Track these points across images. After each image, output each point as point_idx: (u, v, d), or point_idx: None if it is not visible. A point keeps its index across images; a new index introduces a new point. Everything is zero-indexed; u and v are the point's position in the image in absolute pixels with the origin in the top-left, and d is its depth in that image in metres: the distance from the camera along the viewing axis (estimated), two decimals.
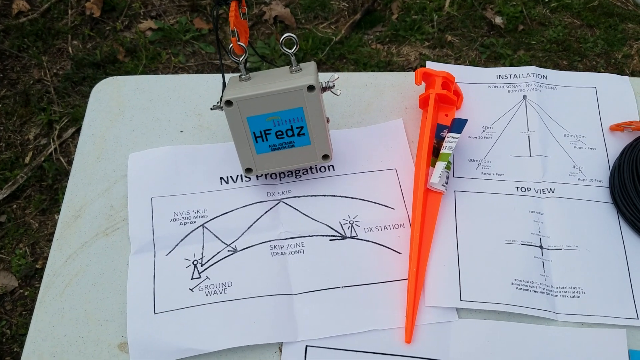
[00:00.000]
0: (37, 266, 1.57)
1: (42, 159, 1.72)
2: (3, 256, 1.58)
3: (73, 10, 2.03)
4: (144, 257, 0.68)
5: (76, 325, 0.63)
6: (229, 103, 0.65)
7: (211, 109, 0.68)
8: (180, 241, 0.69)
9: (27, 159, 1.74)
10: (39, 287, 1.55)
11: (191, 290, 0.65)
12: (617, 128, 0.76)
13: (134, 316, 0.64)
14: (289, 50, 0.67)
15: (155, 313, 0.64)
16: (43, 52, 1.94)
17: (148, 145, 0.76)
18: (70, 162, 1.73)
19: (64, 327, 0.63)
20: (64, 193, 1.65)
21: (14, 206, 1.66)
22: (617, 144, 0.75)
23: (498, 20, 1.96)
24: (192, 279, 0.66)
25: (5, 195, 1.66)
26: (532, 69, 0.80)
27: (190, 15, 2.05)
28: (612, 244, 0.68)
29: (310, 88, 0.64)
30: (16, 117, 1.81)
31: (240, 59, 0.67)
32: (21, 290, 1.54)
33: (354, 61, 1.88)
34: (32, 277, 1.55)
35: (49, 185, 1.69)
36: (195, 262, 0.67)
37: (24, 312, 1.50)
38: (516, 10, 1.98)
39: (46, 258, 1.58)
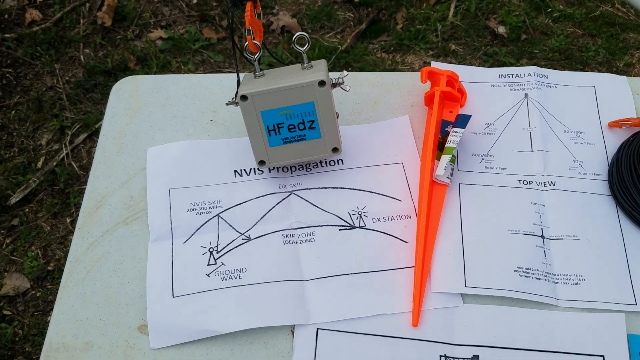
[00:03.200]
0: (49, 268, 1.60)
1: (54, 163, 1.76)
2: (15, 258, 1.62)
3: (85, 20, 2.08)
4: (163, 245, 0.71)
5: (98, 309, 0.66)
6: (244, 97, 0.68)
7: (227, 104, 0.71)
8: (197, 230, 0.72)
9: (40, 164, 1.78)
10: (51, 288, 1.58)
11: (207, 275, 0.68)
12: (615, 124, 0.79)
13: (154, 299, 0.67)
14: (301, 48, 0.70)
15: (173, 297, 0.67)
16: (55, 60, 1.98)
17: (165, 140, 0.79)
18: (82, 167, 1.77)
19: (86, 310, 0.66)
20: (75, 197, 1.70)
21: (27, 210, 1.70)
22: (616, 140, 0.78)
23: (501, 29, 2.00)
24: (208, 265, 0.69)
25: (18, 199, 1.69)
26: (534, 68, 0.84)
27: (200, 25, 2.09)
28: (610, 234, 0.71)
29: (322, 83, 0.68)
30: (29, 123, 1.85)
31: (255, 56, 0.71)
32: (33, 292, 1.57)
33: (360, 69, 1.92)
34: (44, 278, 1.59)
35: (61, 190, 1.72)
36: (211, 250, 0.70)
37: (35, 313, 1.53)
38: (519, 20, 2.02)
39: (58, 260, 1.62)
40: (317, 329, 0.66)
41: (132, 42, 2.04)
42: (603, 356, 0.64)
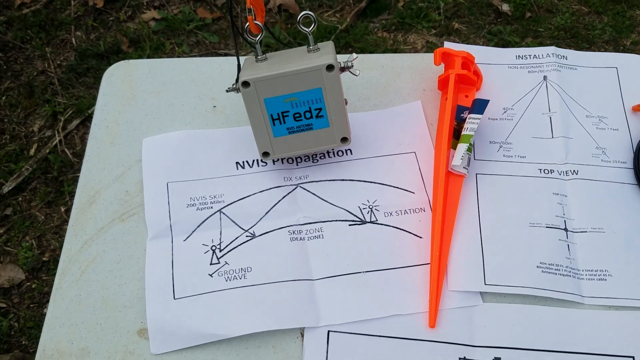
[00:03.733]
0: (44, 258, 1.55)
1: (47, 151, 1.71)
2: (9, 249, 1.57)
3: (76, 1, 2.01)
4: (162, 243, 0.66)
5: (94, 312, 0.62)
6: (245, 84, 0.63)
7: (227, 90, 0.67)
8: (198, 227, 0.68)
9: (32, 151, 1.72)
10: (46, 279, 1.54)
11: (210, 275, 0.64)
12: (639, 108, 0.74)
13: (154, 302, 0.62)
14: (307, 29, 0.65)
15: (174, 298, 0.62)
16: (46, 44, 1.92)
17: (162, 129, 0.74)
18: (75, 154, 1.72)
19: (81, 313, 0.62)
20: (69, 185, 1.65)
21: (20, 199, 1.65)
22: None
23: (505, 7, 1.94)
24: (211, 264, 0.65)
25: (10, 188, 1.65)
26: (552, 49, 0.79)
27: (194, 5, 2.03)
28: (637, 226, 0.67)
29: (330, 67, 0.63)
30: (20, 108, 1.79)
31: (257, 38, 0.66)
32: (28, 283, 1.53)
33: (360, 50, 1.86)
34: (39, 269, 1.54)
35: (55, 178, 1.67)
36: (213, 248, 0.66)
37: (31, 305, 1.49)
38: None
39: (53, 250, 1.57)
40: (328, 331, 0.62)
41: (124, 23, 1.97)
42: (633, 357, 0.60)
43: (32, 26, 1.94)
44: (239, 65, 0.68)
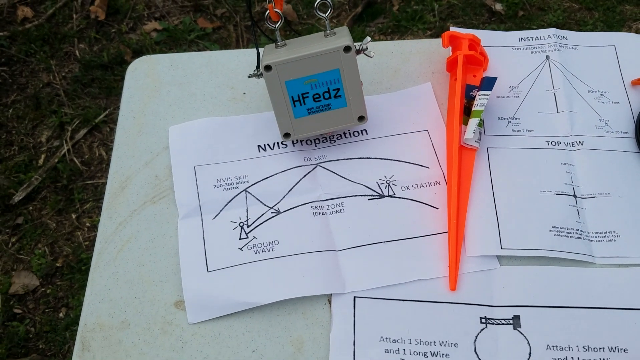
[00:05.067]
0: (57, 264, 1.58)
1: (56, 160, 1.74)
2: (22, 256, 1.60)
3: (78, 15, 2.05)
4: (192, 222, 0.70)
5: (131, 287, 0.65)
6: (268, 68, 0.67)
7: (249, 76, 0.70)
8: (225, 205, 0.71)
9: (41, 161, 1.75)
10: (60, 284, 1.56)
11: (240, 249, 0.67)
12: (638, 82, 0.78)
13: (188, 275, 0.66)
14: (323, 15, 0.69)
15: (208, 271, 0.66)
16: (50, 56, 1.96)
17: (186, 118, 0.78)
18: (84, 162, 1.75)
19: (119, 289, 0.65)
20: (79, 192, 1.68)
21: (30, 208, 1.68)
22: None
23: (498, 6, 1.99)
24: (240, 239, 0.68)
25: (21, 198, 1.67)
26: (553, 30, 0.83)
27: (194, 15, 2.07)
28: None
29: (347, 49, 0.67)
30: (27, 120, 1.83)
31: (276, 25, 0.70)
32: (43, 289, 1.55)
33: None
34: (52, 275, 1.57)
35: (64, 186, 1.70)
36: (241, 224, 0.69)
37: (47, 310, 1.52)
38: None
39: (66, 256, 1.60)
40: (354, 297, 0.65)
41: (126, 35, 2.01)
42: None
43: (35, 40, 1.98)
44: (258, 52, 0.72)
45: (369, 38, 0.70)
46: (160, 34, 2.01)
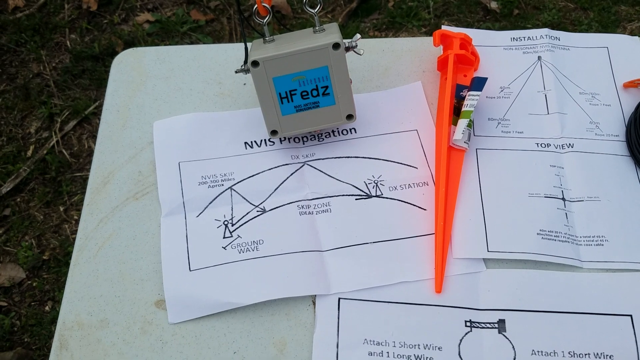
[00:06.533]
0: (44, 257, 1.56)
1: (45, 151, 1.72)
2: (9, 249, 1.58)
3: (69, 5, 2.03)
4: (176, 219, 0.68)
5: (112, 285, 0.64)
6: (255, 63, 0.66)
7: (236, 71, 0.69)
8: (210, 203, 0.70)
9: (30, 152, 1.74)
10: (47, 277, 1.55)
11: (224, 248, 0.66)
12: (630, 84, 0.78)
13: (170, 274, 0.64)
14: (313, 10, 0.68)
15: (190, 270, 0.64)
16: (41, 47, 1.93)
17: (171, 113, 0.77)
18: (73, 154, 1.73)
19: (99, 287, 0.64)
20: (68, 185, 1.66)
21: (18, 199, 1.66)
22: (631, 100, 0.77)
23: (493, 5, 1.98)
24: (224, 237, 0.67)
25: (8, 189, 1.65)
26: (545, 31, 0.82)
27: (187, 7, 2.05)
28: (631, 194, 0.70)
29: (336, 46, 0.65)
30: (17, 111, 1.80)
31: (265, 20, 0.68)
32: (29, 282, 1.54)
33: None
34: (39, 268, 1.55)
35: (53, 178, 1.68)
36: (226, 222, 0.68)
37: (32, 303, 1.50)
38: None
39: (53, 249, 1.58)
40: (339, 298, 0.64)
41: (118, 26, 1.99)
42: (631, 315, 0.63)
43: (26, 30, 1.95)
44: (246, 46, 0.71)
45: (358, 35, 0.69)
46: (153, 26, 1.99)
